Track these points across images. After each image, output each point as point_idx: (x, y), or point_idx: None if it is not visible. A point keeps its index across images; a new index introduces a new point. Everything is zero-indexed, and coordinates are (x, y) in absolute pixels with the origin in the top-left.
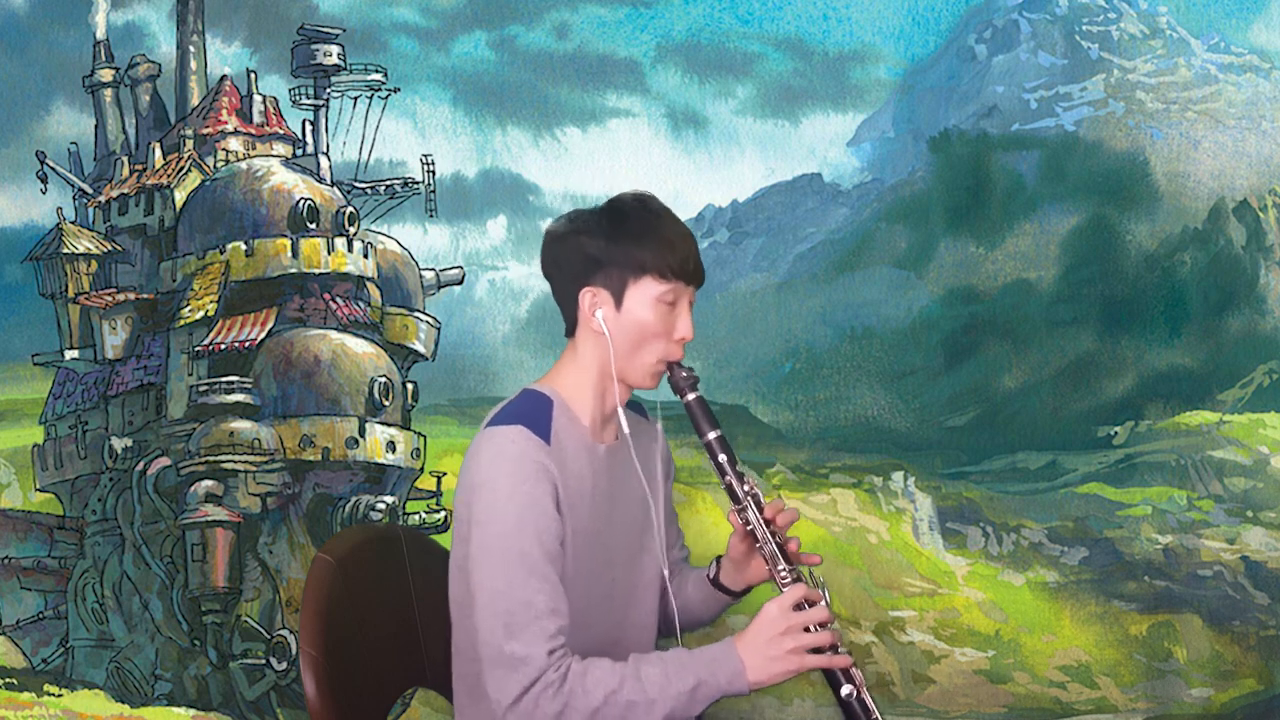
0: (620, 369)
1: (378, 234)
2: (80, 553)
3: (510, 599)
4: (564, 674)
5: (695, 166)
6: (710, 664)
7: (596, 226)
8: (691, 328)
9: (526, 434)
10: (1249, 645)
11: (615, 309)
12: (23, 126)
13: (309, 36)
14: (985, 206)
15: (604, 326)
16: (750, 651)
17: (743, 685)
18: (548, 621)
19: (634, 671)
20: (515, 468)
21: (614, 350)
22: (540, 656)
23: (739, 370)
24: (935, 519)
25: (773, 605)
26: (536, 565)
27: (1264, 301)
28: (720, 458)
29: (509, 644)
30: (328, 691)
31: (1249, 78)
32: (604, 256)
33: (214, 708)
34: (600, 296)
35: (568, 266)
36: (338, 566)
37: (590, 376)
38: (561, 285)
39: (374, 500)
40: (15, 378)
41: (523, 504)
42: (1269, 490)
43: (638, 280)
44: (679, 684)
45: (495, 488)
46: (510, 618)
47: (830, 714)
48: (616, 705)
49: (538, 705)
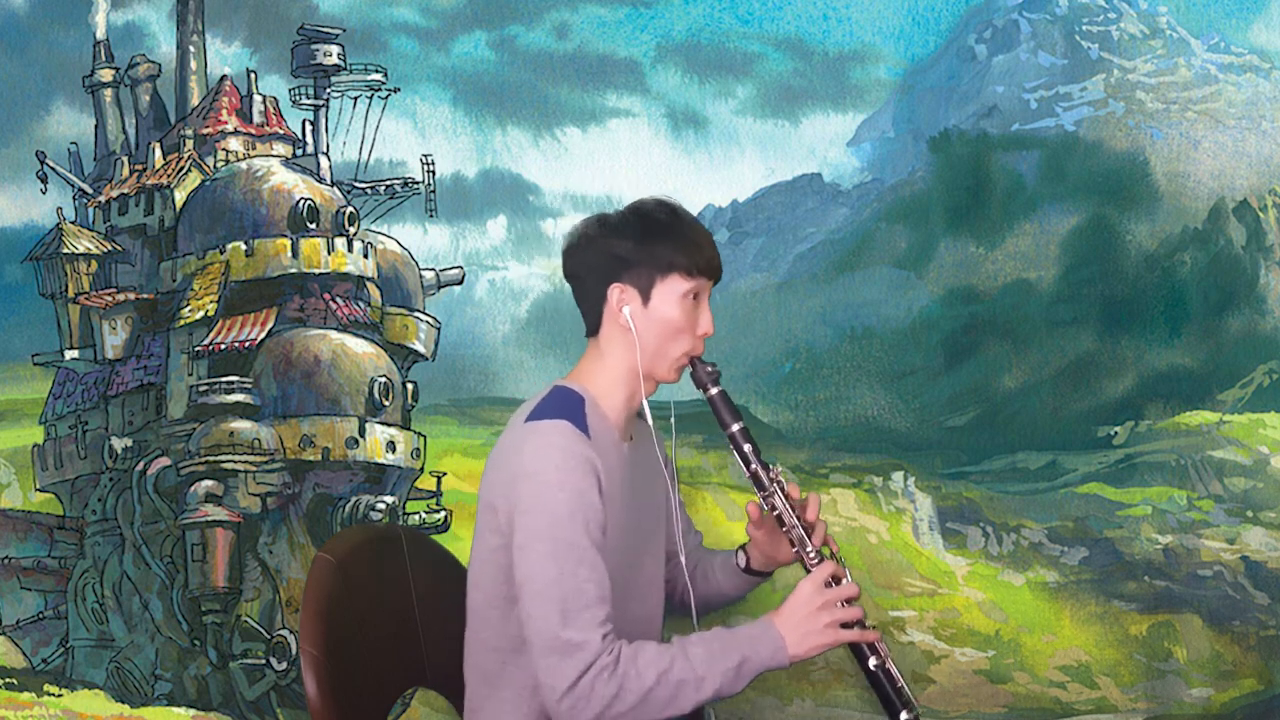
0: (646, 364)
1: (378, 234)
2: (80, 553)
3: (563, 587)
4: (617, 657)
5: (695, 166)
6: (752, 641)
7: (625, 227)
8: (713, 323)
9: (571, 428)
10: (1249, 645)
11: (642, 305)
12: (23, 126)
13: (309, 36)
14: (985, 206)
15: (631, 323)
16: (789, 627)
17: (784, 659)
18: (598, 609)
19: (681, 651)
20: (563, 459)
21: (641, 346)
22: (595, 641)
23: (739, 370)
24: (935, 519)
25: (806, 583)
26: (586, 554)
27: (1264, 301)
28: (745, 448)
29: (565, 630)
30: (328, 691)
31: (1249, 78)
32: (632, 256)
33: (214, 708)
34: (628, 293)
35: (596, 266)
36: (338, 566)
37: (617, 374)
38: (590, 285)
39: (374, 500)
40: (15, 378)
41: (572, 494)
42: (1269, 490)
43: (665, 277)
44: (725, 661)
45: (545, 479)
46: (565, 604)
47: (830, 714)
48: (668, 684)
49: (594, 688)
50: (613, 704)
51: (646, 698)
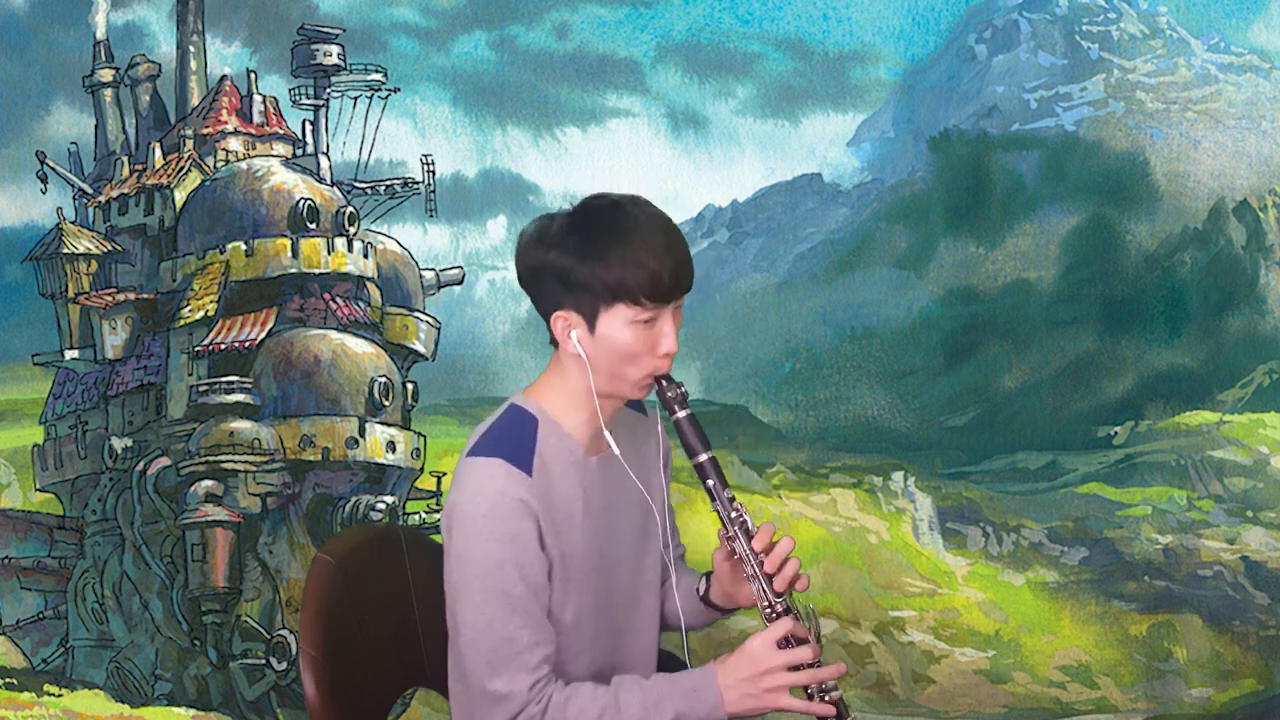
0: (604, 384)
1: (378, 234)
2: (80, 553)
3: (491, 637)
4: (544, 707)
5: (695, 166)
6: (689, 694)
7: (564, 243)
8: (675, 340)
9: (506, 469)
10: (1249, 645)
11: (589, 332)
12: (23, 126)
13: (309, 36)
14: (985, 206)
15: (579, 349)
16: (730, 684)
17: (721, 716)
18: (529, 655)
19: (613, 701)
20: (493, 505)
21: (593, 371)
22: (522, 692)
23: (739, 370)
24: (935, 519)
25: (756, 640)
26: (519, 602)
27: (1264, 301)
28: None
29: (491, 682)
30: (328, 691)
31: (1249, 78)
32: (573, 279)
33: (214, 708)
34: (573, 319)
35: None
36: (338, 566)
37: (576, 393)
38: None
39: (374, 500)
40: (15, 378)
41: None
42: (1269, 490)
43: (610, 306)
44: (658, 714)
45: (474, 528)
46: (493, 654)
47: None
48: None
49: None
50: None
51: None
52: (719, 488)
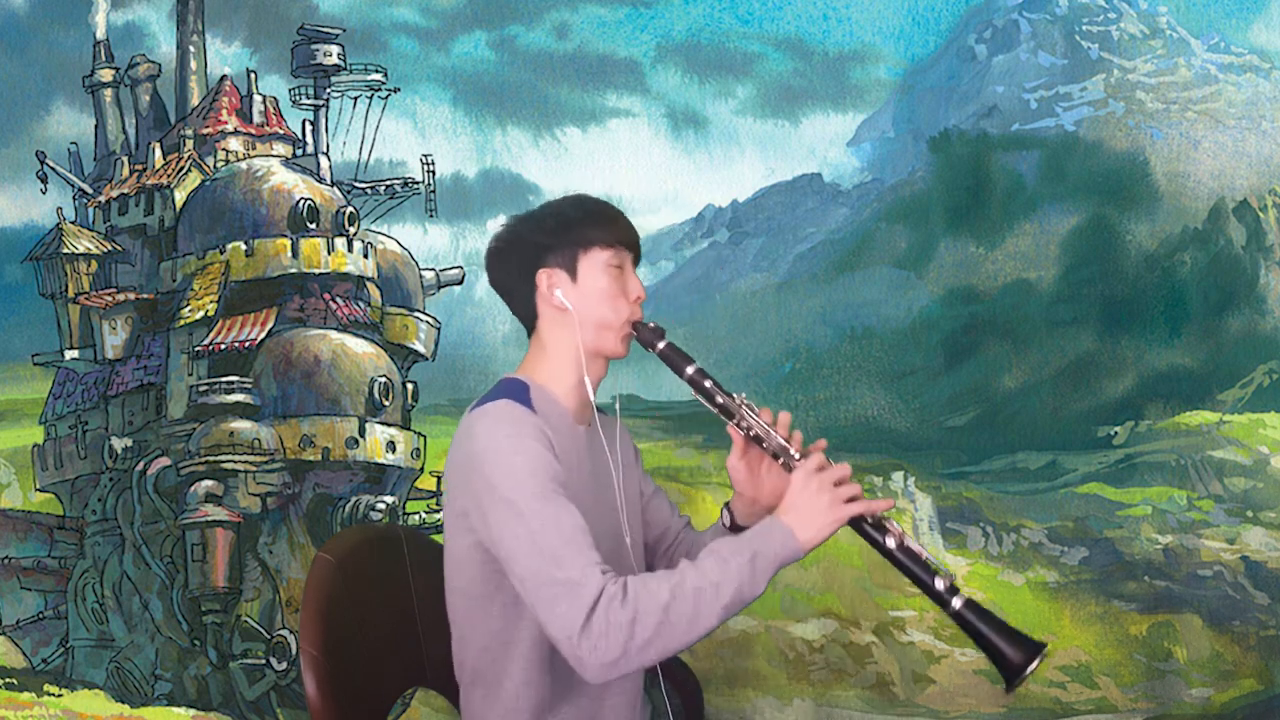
0: (591, 339)
1: (378, 234)
2: (80, 553)
3: (546, 537)
4: (623, 585)
5: (695, 166)
6: (760, 536)
7: (539, 220)
8: (642, 288)
9: (511, 404)
10: (1249, 645)
11: (572, 282)
12: (23, 126)
13: (309, 36)
14: (985, 206)
15: (565, 302)
16: (793, 516)
17: (795, 546)
18: (589, 550)
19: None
20: (512, 427)
21: (580, 320)
22: (595, 576)
23: (739, 370)
24: (935, 519)
25: (798, 472)
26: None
27: (1264, 301)
28: (706, 384)
29: (560, 572)
30: (328, 691)
31: (1249, 78)
32: (551, 241)
33: (214, 708)
34: (556, 276)
35: (520, 262)
36: (338, 566)
37: (563, 359)
38: (517, 282)
39: (374, 500)
40: (15, 378)
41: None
42: (1269, 490)
43: (587, 251)
44: (736, 560)
45: (498, 448)
46: (554, 550)
47: (830, 714)
48: (684, 596)
49: (609, 620)
50: (634, 631)
51: (666, 615)
52: (715, 386)
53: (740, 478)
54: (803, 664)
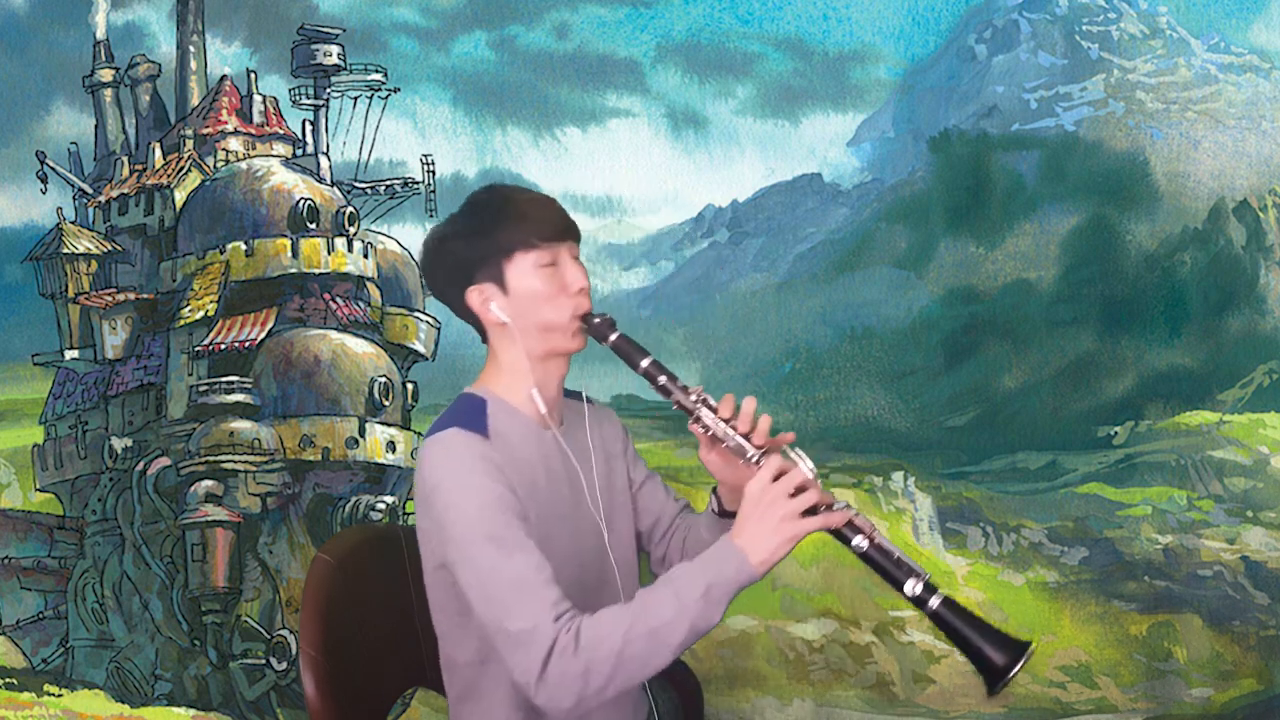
0: (539, 344)
1: (378, 234)
2: (80, 553)
3: (499, 582)
4: (576, 634)
5: (695, 166)
6: (713, 563)
7: (450, 233)
8: (584, 275)
9: (461, 433)
10: (1249, 645)
11: (504, 294)
12: (23, 126)
13: (309, 36)
14: (985, 206)
15: (501, 315)
16: (746, 537)
17: (751, 570)
18: (544, 591)
19: (642, 603)
20: (458, 462)
21: (521, 330)
22: (546, 625)
23: (739, 370)
24: (935, 519)
25: (752, 484)
26: (514, 542)
27: (1264, 301)
28: (660, 380)
29: (511, 623)
30: (328, 691)
31: (1249, 78)
32: (470, 254)
33: (214, 708)
34: (486, 290)
35: (446, 280)
36: (338, 566)
37: (515, 369)
38: (451, 298)
39: (374, 500)
40: (15, 378)
41: (476, 490)
42: (1269, 490)
43: (510, 259)
44: (689, 594)
45: (446, 486)
46: (504, 599)
47: (830, 714)
48: (637, 639)
49: (563, 671)
50: (588, 680)
51: (620, 661)
52: (670, 381)
53: (716, 470)
54: (803, 664)
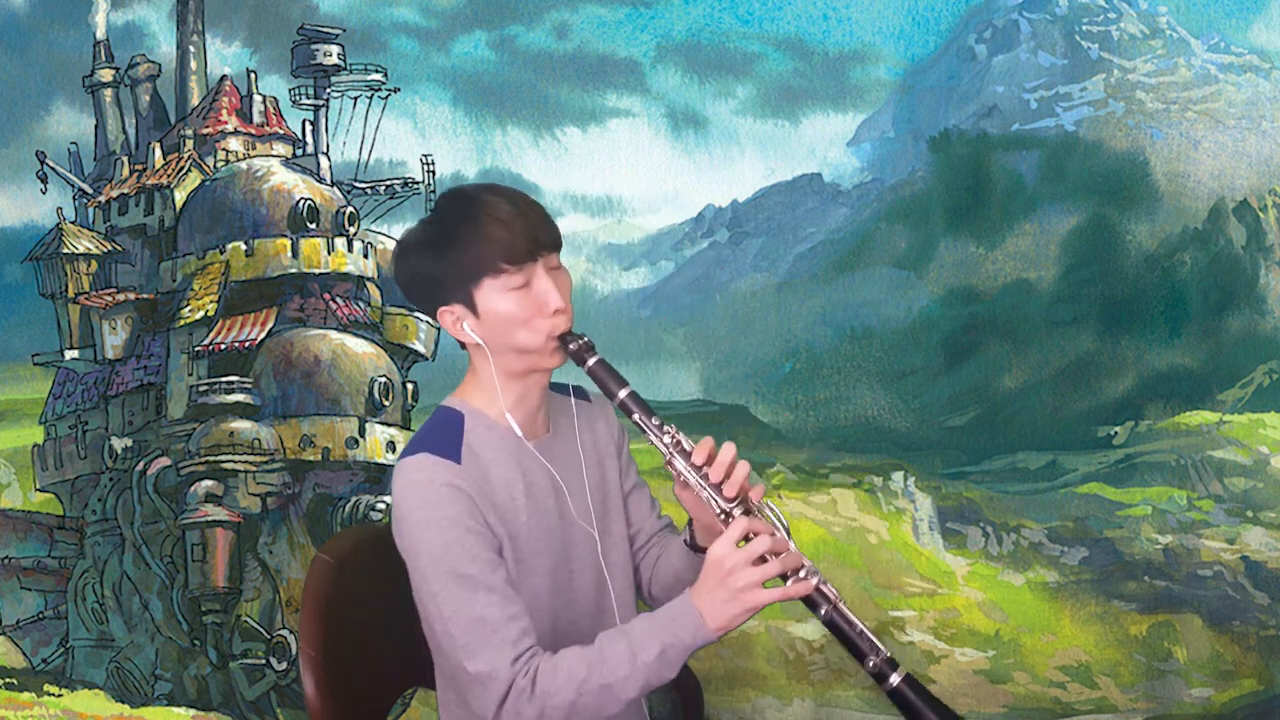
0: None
1: (378, 234)
2: (80, 553)
3: (459, 622)
4: (532, 678)
5: (695, 166)
6: (671, 624)
7: (418, 245)
8: (560, 295)
9: (431, 460)
10: (1249, 645)
11: (475, 317)
12: (23, 126)
13: (309, 36)
14: (985, 206)
15: (473, 336)
16: (705, 600)
17: (707, 634)
18: (504, 630)
19: (599, 656)
20: (424, 496)
21: (494, 354)
22: (504, 669)
23: (739, 370)
24: (935, 519)
25: (716, 546)
26: (477, 580)
27: (1264, 301)
28: (635, 415)
29: (471, 664)
30: (328, 691)
31: (1249, 78)
32: (439, 274)
33: (214, 708)
34: (457, 311)
35: (417, 294)
36: (338, 566)
37: (491, 383)
38: (424, 311)
39: (374, 500)
40: (15, 378)
41: (441, 527)
42: (1269, 490)
43: (478, 284)
44: (644, 654)
45: (411, 521)
46: (464, 640)
47: (830, 714)
48: (590, 693)
49: (517, 713)
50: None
51: (573, 710)
52: (645, 418)
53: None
54: (803, 664)
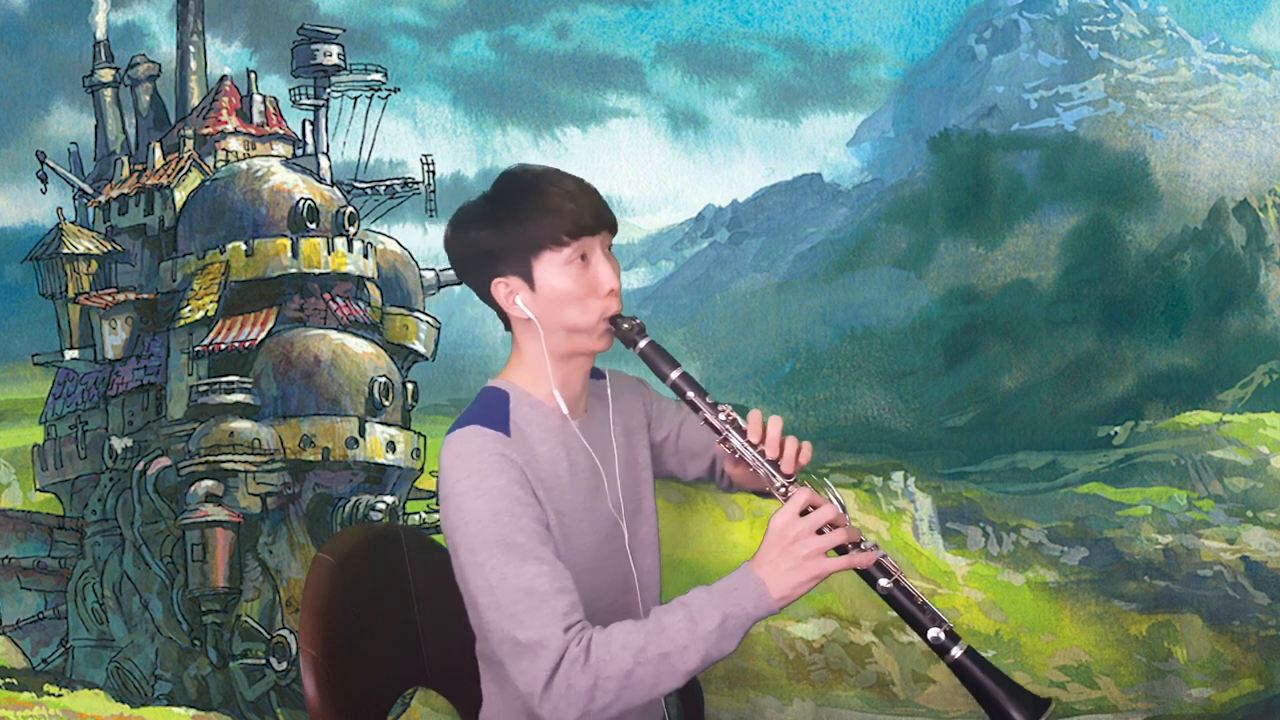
0: (563, 343)
1: (378, 234)
2: (80, 553)
3: (509, 590)
4: (586, 647)
5: (695, 166)
6: (731, 593)
7: (479, 218)
8: (614, 276)
9: (481, 431)
10: (1249, 645)
11: (531, 291)
12: (23, 126)
13: (309, 36)
14: (985, 206)
15: (526, 311)
16: (767, 569)
17: (770, 604)
18: (555, 601)
19: (657, 625)
20: (475, 464)
21: (546, 329)
22: (556, 637)
23: (739, 370)
24: (935, 519)
25: (778, 517)
26: (527, 550)
27: (1264, 301)
28: (689, 395)
29: (521, 633)
30: (328, 691)
31: (1249, 78)
32: (497, 245)
33: (214, 708)
34: (512, 284)
35: (471, 266)
36: (338, 566)
37: (539, 364)
38: (475, 286)
39: (374, 500)
40: (15, 378)
41: (491, 495)
42: (1269, 490)
43: (538, 256)
44: (705, 623)
45: (461, 490)
46: (514, 607)
47: (830, 714)
48: (648, 662)
49: (569, 685)
50: (594, 696)
51: (628, 681)
52: (699, 398)
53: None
54: (803, 664)
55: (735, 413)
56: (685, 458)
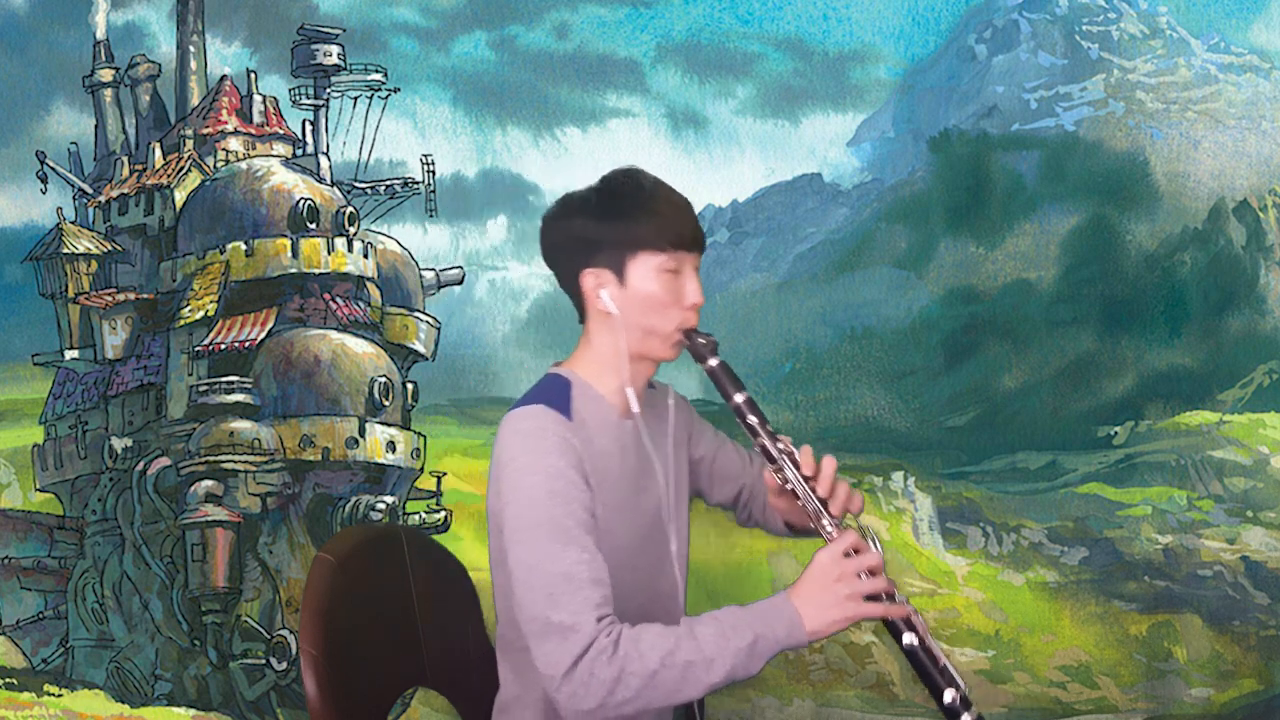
0: (637, 344)
1: (378, 234)
2: (80, 553)
3: (549, 571)
4: (616, 640)
5: (695, 166)
6: (766, 618)
7: (587, 207)
8: (700, 292)
9: (545, 410)
10: (1249, 645)
11: (619, 286)
12: (23, 126)
13: (309, 36)
14: (985, 206)
15: (610, 305)
16: (805, 601)
17: (801, 636)
18: (591, 591)
19: (688, 632)
20: (537, 442)
21: (625, 325)
22: (589, 623)
23: (739, 370)
24: (935, 519)
25: (824, 553)
26: (573, 535)
27: (1264, 301)
28: (750, 420)
29: (554, 614)
30: (328, 691)
31: (1249, 78)
32: (598, 236)
33: (214, 708)
34: (603, 276)
35: (566, 252)
36: (338, 566)
37: (606, 359)
38: (563, 271)
39: (374, 500)
40: (15, 378)
41: (549, 475)
42: (1269, 490)
43: (635, 255)
44: (736, 640)
45: (519, 464)
46: (552, 588)
47: (830, 714)
48: (674, 666)
49: (593, 673)
50: (615, 689)
51: (651, 681)
52: (760, 425)
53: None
54: (803, 664)
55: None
56: (716, 481)
